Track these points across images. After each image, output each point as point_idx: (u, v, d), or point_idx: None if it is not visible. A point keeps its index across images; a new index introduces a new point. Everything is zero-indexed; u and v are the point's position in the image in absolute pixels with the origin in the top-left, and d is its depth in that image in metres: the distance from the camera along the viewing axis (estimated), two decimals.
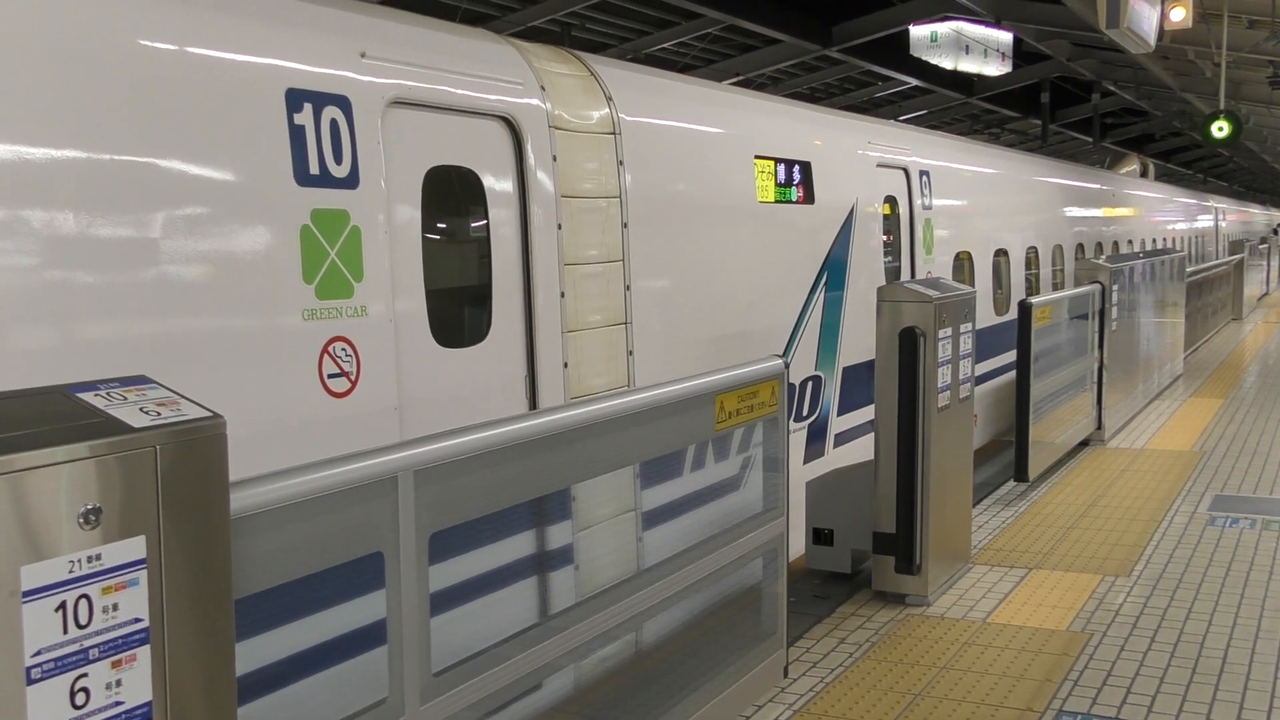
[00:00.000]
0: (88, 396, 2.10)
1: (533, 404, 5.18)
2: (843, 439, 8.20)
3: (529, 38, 8.06)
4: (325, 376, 4.13)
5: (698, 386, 3.94)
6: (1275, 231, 43.21)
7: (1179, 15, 11.02)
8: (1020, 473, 7.90)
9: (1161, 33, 10.69)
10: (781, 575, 4.51)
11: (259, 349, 3.93)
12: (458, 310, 5.04)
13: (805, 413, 7.68)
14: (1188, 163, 40.13)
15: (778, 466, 4.48)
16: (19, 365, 3.31)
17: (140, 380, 2.22)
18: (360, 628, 2.80)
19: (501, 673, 3.06)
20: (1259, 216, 45.70)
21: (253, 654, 2.46)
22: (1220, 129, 15.97)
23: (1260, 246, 27.83)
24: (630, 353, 5.87)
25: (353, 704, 2.67)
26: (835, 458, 7.86)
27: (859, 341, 8.16)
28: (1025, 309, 7.99)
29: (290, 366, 4.02)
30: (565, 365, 5.37)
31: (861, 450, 5.85)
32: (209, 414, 2.15)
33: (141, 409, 2.11)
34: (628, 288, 5.85)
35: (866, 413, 7.99)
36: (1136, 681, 4.70)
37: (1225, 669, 4.81)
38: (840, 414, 8.16)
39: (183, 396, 2.20)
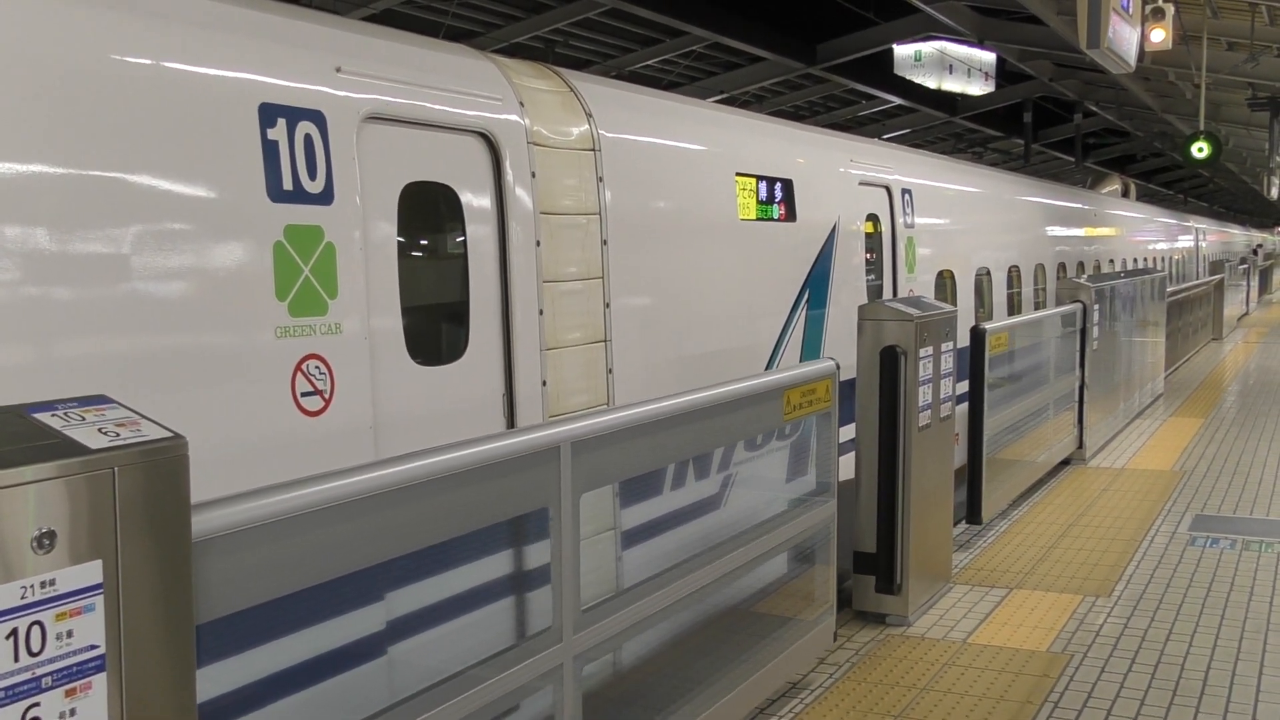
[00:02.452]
0: (44, 417, 2.05)
1: (510, 422, 5.14)
2: None
3: (513, 54, 8.04)
4: (298, 395, 4.07)
5: (772, 382, 4.62)
6: (1255, 252, 43.50)
7: (1159, 36, 11.08)
8: (973, 514, 7.04)
9: (1142, 54, 10.74)
10: (832, 550, 5.12)
11: (230, 367, 3.88)
12: (434, 328, 5.00)
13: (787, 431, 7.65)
14: (1169, 183, 40.43)
15: (830, 455, 5.07)
16: None
17: (100, 400, 2.17)
18: (531, 569, 3.39)
19: (629, 613, 3.68)
20: (1239, 237, 46.00)
21: (465, 579, 3.18)
22: (1200, 150, 16.07)
23: (1240, 267, 27.99)
24: (610, 371, 5.83)
25: (527, 630, 3.32)
26: None
27: (841, 360, 8.13)
28: (978, 336, 7.06)
29: (262, 385, 3.96)
30: (544, 383, 5.32)
31: (842, 469, 5.86)
32: (170, 434, 2.10)
33: (100, 429, 2.06)
34: (607, 305, 5.81)
35: (847, 431, 7.97)
36: (1117, 704, 4.67)
37: (1206, 691, 4.78)
38: None
39: (143, 416, 2.15)
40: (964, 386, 7.79)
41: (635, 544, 4.01)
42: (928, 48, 18.79)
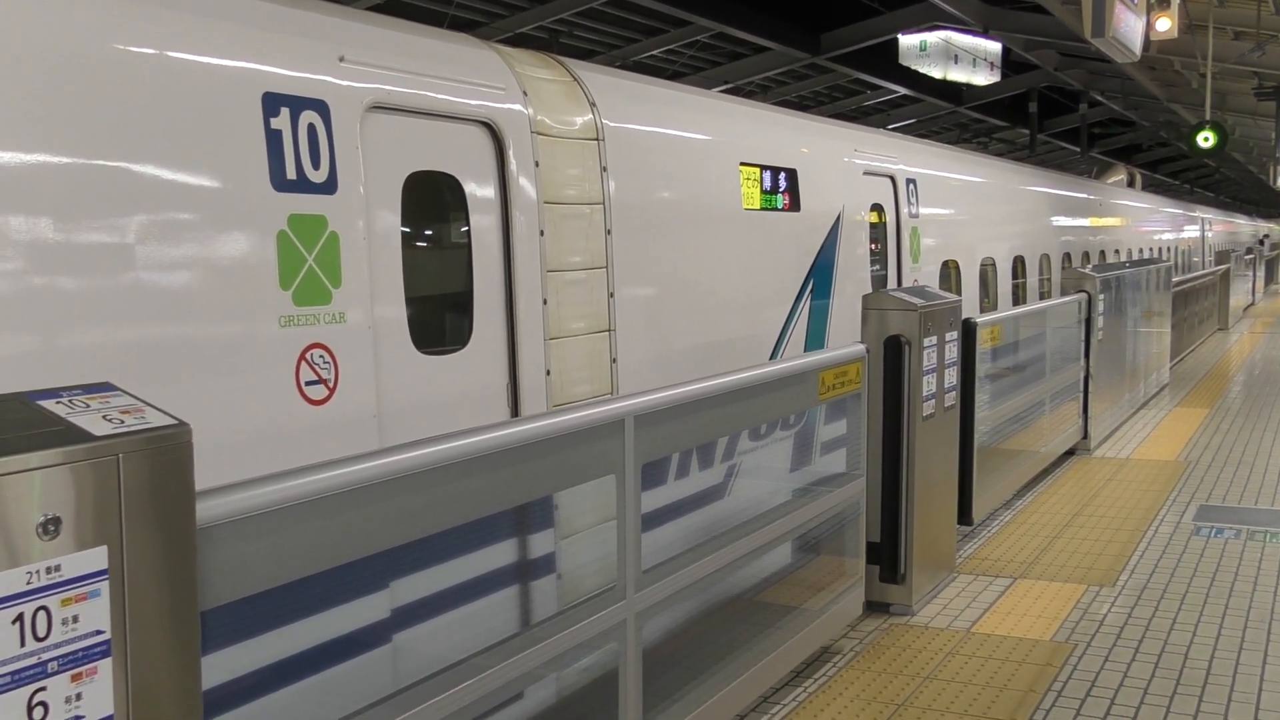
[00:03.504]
0: (49, 404, 2.06)
1: (514, 412, 5.14)
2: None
3: (517, 44, 8.04)
4: (302, 384, 4.08)
5: (809, 363, 4.85)
6: (1261, 242, 43.40)
7: (1165, 25, 11.05)
8: (963, 515, 6.74)
9: (1148, 43, 10.72)
10: (861, 523, 5.37)
11: (235, 356, 3.89)
12: (438, 317, 5.01)
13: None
14: (1174, 173, 40.34)
15: (860, 433, 5.31)
16: None
17: (104, 387, 2.18)
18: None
19: (684, 575, 3.91)
20: (1245, 227, 45.90)
21: (537, 545, 3.47)
22: (1206, 139, 16.05)
23: (1246, 257, 27.93)
24: (614, 360, 5.84)
25: (595, 588, 3.55)
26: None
27: None
28: (968, 329, 6.65)
29: (267, 374, 3.97)
30: (548, 373, 5.33)
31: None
32: (174, 422, 2.11)
33: (105, 416, 2.06)
34: (611, 295, 5.82)
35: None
36: (1120, 693, 4.67)
37: (1209, 680, 4.78)
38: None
39: (147, 404, 2.15)
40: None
41: (686, 514, 4.28)
42: (933, 37, 18.72)
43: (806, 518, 4.89)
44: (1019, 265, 13.19)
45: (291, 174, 4.07)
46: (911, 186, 9.76)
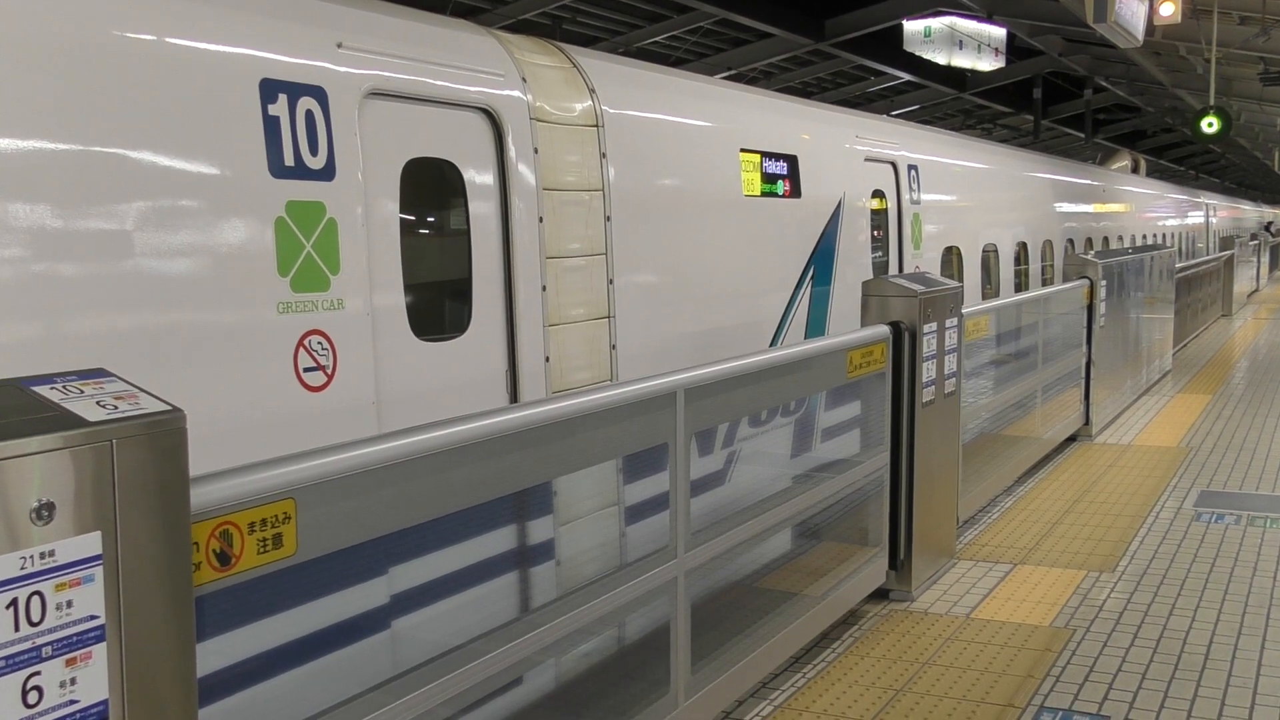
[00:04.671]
0: (43, 390, 2.06)
1: (514, 398, 5.15)
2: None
3: (519, 31, 8.01)
4: (301, 370, 4.09)
5: (838, 343, 5.06)
6: (1266, 228, 43.27)
7: (1168, 10, 11.01)
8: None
9: (1151, 28, 10.68)
10: (885, 494, 5.55)
11: (233, 342, 3.89)
12: (437, 303, 5.01)
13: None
14: (1179, 159, 40.21)
15: (884, 409, 5.51)
16: None
17: (98, 373, 2.18)
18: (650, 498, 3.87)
19: (730, 536, 4.17)
20: (1250, 213, 45.77)
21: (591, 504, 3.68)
22: (1210, 125, 16.00)
23: (1251, 243, 27.85)
24: (613, 347, 5.84)
25: (648, 549, 3.75)
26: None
27: None
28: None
29: (265, 360, 3.98)
30: (547, 359, 5.33)
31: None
32: (168, 408, 2.11)
33: (98, 402, 2.07)
34: (610, 281, 5.82)
35: (852, 409, 7.96)
36: (1119, 678, 4.68)
37: (1208, 665, 4.79)
38: None
39: (141, 390, 2.16)
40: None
41: (727, 483, 4.54)
42: (937, 23, 18.65)
43: (839, 487, 5.15)
44: (1021, 252, 13.17)
45: (289, 160, 4.07)
46: (913, 173, 9.74)
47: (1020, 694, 4.52)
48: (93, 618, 2.00)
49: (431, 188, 4.92)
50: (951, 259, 10.83)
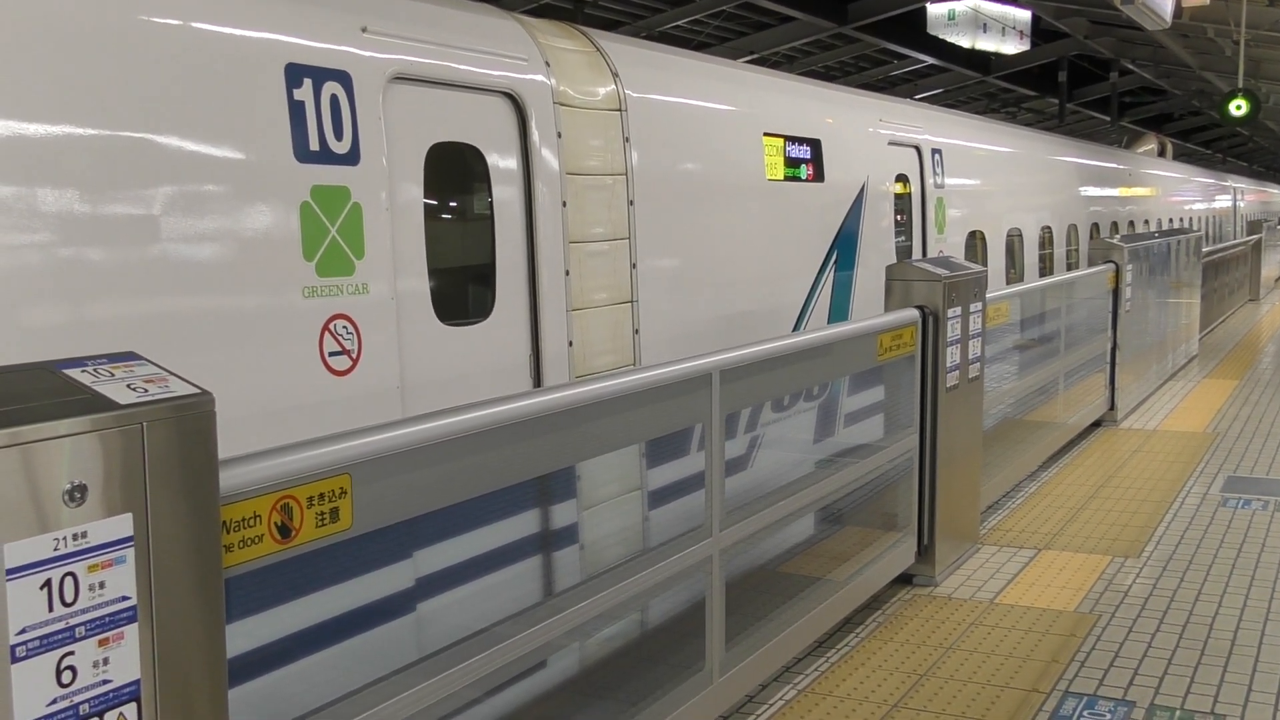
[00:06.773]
0: (74, 373, 2.08)
1: (537, 383, 5.16)
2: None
3: (541, 15, 8.00)
4: (326, 354, 4.11)
5: (868, 326, 5.09)
6: None
7: None
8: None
9: (1180, 10, 10.57)
10: (914, 475, 5.58)
11: (259, 327, 3.92)
12: (461, 288, 5.02)
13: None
14: (1206, 142, 39.80)
15: (913, 391, 5.52)
16: (21, 343, 3.30)
17: (129, 357, 2.20)
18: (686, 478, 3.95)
19: (763, 516, 4.25)
20: (1278, 196, 45.28)
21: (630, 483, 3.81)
22: (1239, 107, 15.83)
23: (1278, 227, 27.56)
24: (636, 331, 5.84)
25: (683, 527, 3.83)
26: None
27: None
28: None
29: (291, 344, 4.00)
30: (570, 344, 5.34)
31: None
32: (197, 391, 2.13)
33: (129, 385, 2.09)
34: (634, 266, 5.81)
35: (876, 394, 7.95)
36: (1144, 663, 4.67)
37: (1234, 651, 4.77)
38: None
39: (171, 373, 2.18)
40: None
41: (754, 467, 4.58)
42: (961, 6, 18.50)
43: (871, 467, 5.20)
44: (1046, 236, 13.08)
45: (315, 145, 4.08)
46: (937, 157, 9.68)
47: (1045, 679, 4.51)
48: (124, 599, 2.02)
49: (455, 172, 4.92)
50: (975, 244, 10.77)
